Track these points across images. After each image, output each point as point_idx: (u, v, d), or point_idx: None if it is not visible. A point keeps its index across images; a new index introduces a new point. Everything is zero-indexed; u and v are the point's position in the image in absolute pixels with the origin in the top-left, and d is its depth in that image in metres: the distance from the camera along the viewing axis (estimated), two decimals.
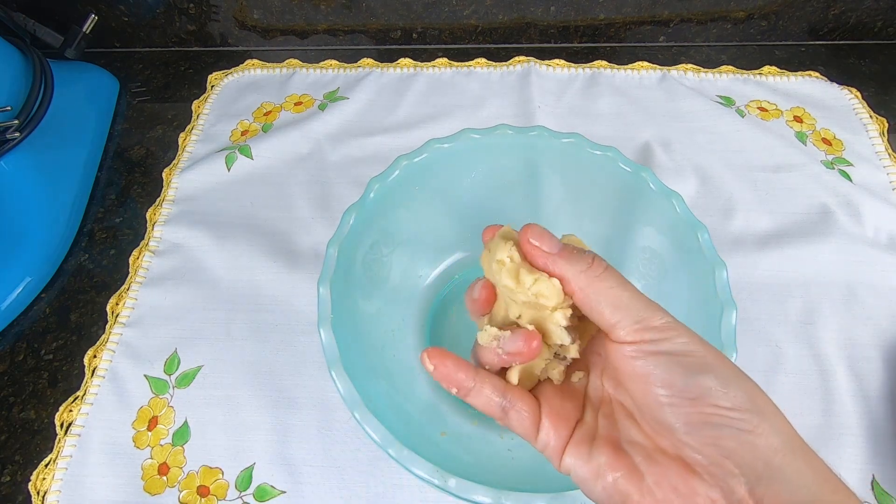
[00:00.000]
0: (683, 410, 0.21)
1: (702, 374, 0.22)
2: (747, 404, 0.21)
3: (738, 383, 0.22)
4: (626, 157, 0.39)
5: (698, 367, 0.22)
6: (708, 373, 0.22)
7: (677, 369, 0.22)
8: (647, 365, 0.22)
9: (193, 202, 0.53)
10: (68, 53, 0.56)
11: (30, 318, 0.48)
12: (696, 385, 0.21)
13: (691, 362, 0.22)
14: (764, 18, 0.61)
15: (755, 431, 0.21)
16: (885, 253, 0.48)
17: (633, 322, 0.23)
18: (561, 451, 0.24)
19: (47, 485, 0.40)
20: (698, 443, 0.21)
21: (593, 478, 0.23)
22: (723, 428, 0.21)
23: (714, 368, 0.22)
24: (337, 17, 0.62)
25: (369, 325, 0.39)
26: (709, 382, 0.21)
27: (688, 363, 0.22)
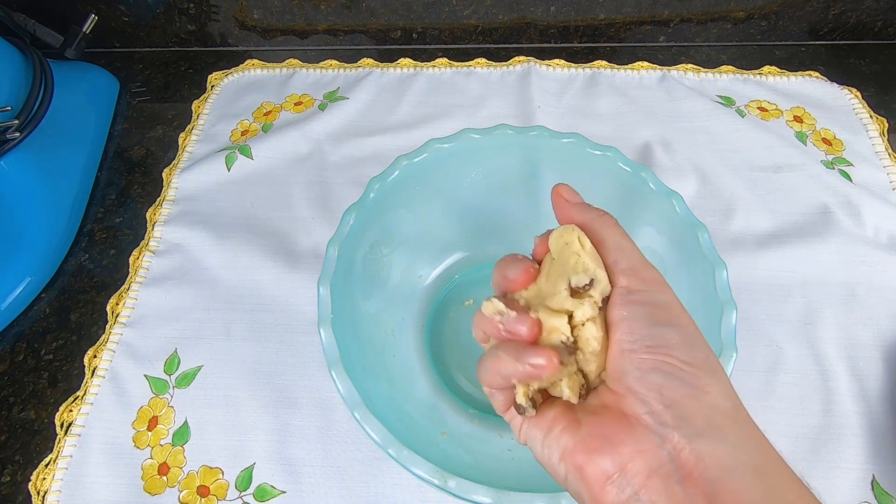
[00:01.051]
0: (639, 356, 0.22)
1: (667, 326, 0.22)
2: (703, 364, 0.22)
3: (700, 346, 0.22)
4: (626, 157, 0.39)
5: (666, 320, 0.22)
6: (673, 327, 0.22)
7: (646, 319, 0.22)
8: (622, 311, 0.23)
9: (193, 202, 0.53)
10: (68, 53, 0.56)
11: (30, 318, 0.48)
12: (658, 335, 0.22)
13: (662, 316, 0.23)
14: (764, 18, 0.61)
15: (703, 389, 0.21)
16: (885, 253, 0.48)
17: (627, 265, 0.24)
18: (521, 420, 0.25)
19: (47, 485, 0.40)
20: (644, 388, 0.21)
21: (543, 435, 0.23)
22: (671, 377, 0.21)
23: (681, 326, 0.23)
24: (337, 17, 0.62)
25: (369, 325, 0.39)
26: (670, 335, 0.22)
27: (658, 315, 0.23)
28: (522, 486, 0.29)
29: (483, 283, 0.46)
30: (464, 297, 0.45)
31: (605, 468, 0.21)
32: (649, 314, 0.23)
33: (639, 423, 0.21)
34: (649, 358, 0.22)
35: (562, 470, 0.23)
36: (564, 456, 0.22)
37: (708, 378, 0.21)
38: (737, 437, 0.21)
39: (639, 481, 0.20)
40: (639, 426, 0.21)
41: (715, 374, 0.22)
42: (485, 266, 0.46)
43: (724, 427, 0.21)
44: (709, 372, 0.22)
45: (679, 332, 0.22)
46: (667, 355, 0.21)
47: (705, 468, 0.20)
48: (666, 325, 0.22)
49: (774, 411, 0.41)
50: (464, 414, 0.40)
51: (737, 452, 0.20)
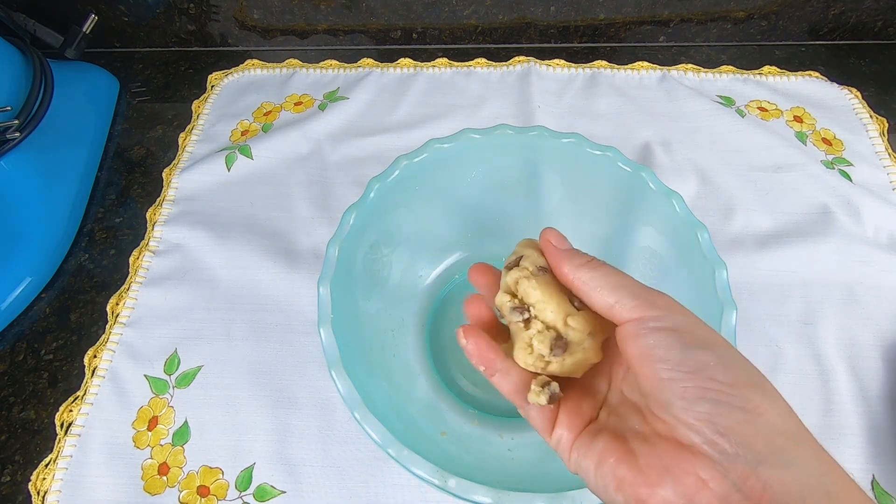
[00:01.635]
0: (681, 385, 0.21)
1: (700, 348, 0.21)
2: (747, 382, 0.21)
3: (738, 362, 0.21)
4: (625, 157, 0.39)
5: (697, 342, 0.22)
6: (706, 348, 0.21)
7: (676, 344, 0.21)
8: (648, 342, 0.22)
9: (193, 202, 0.53)
10: (68, 53, 0.56)
11: (30, 318, 0.48)
12: (693, 358, 0.21)
13: (689, 338, 0.22)
14: (764, 18, 0.61)
15: (755, 410, 0.20)
16: (885, 253, 0.48)
17: (631, 298, 0.23)
18: (570, 446, 0.24)
19: (47, 485, 0.40)
20: (695, 419, 0.20)
21: (595, 466, 0.23)
22: (720, 404, 0.20)
23: (713, 345, 0.22)
24: (337, 17, 0.62)
25: (369, 325, 0.39)
26: (706, 357, 0.21)
27: (687, 338, 0.22)
28: (522, 486, 0.29)
29: None
30: (464, 297, 0.45)
31: (671, 501, 0.20)
32: (677, 338, 0.22)
33: (698, 451, 0.20)
34: (691, 386, 0.21)
35: (620, 501, 0.22)
36: (623, 487, 0.22)
37: (757, 397, 0.20)
38: (802, 459, 0.20)
39: None
40: (699, 455, 0.20)
41: (763, 390, 0.21)
42: None
43: (788, 450, 0.20)
44: (756, 389, 0.21)
45: (713, 353, 0.21)
46: (708, 379, 0.20)
47: (773, 496, 0.19)
48: (697, 348, 0.21)
49: None
50: (464, 414, 0.40)
51: (805, 477, 0.19)
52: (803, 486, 0.19)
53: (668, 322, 0.22)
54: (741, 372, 0.21)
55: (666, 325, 0.22)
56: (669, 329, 0.22)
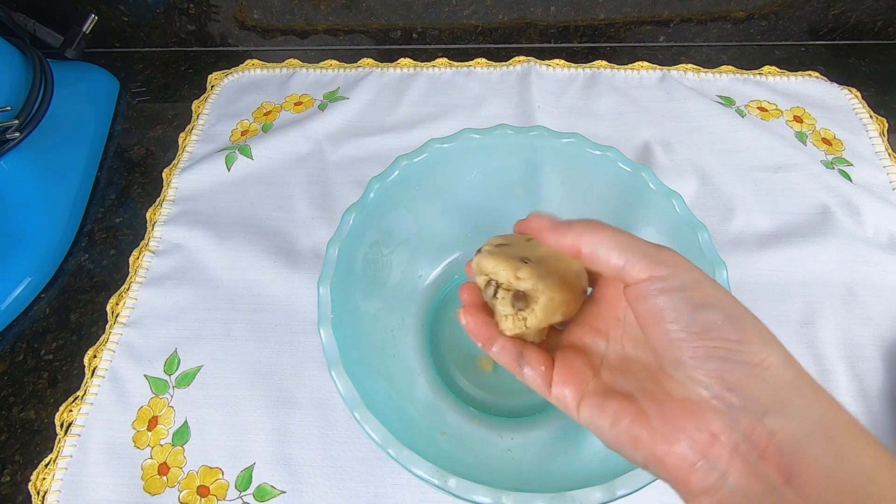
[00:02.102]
0: (690, 345, 0.22)
1: (707, 308, 0.22)
2: (754, 337, 0.21)
3: (744, 317, 0.22)
4: (625, 157, 0.39)
5: (703, 301, 0.22)
6: (714, 307, 0.22)
7: (684, 304, 0.22)
8: (658, 302, 0.23)
9: (193, 202, 0.53)
10: (68, 53, 0.56)
11: (30, 318, 0.48)
12: (701, 319, 0.22)
13: (698, 297, 0.22)
14: (764, 18, 0.61)
15: (762, 364, 0.21)
16: (885, 253, 0.48)
17: (640, 257, 0.23)
18: (577, 403, 0.26)
19: (47, 485, 0.40)
20: (704, 376, 0.21)
21: (610, 425, 0.24)
22: (727, 361, 0.21)
23: (720, 303, 0.22)
24: (337, 17, 0.62)
25: (369, 325, 0.39)
26: (713, 317, 0.22)
27: (695, 298, 0.22)
28: (522, 486, 0.29)
29: None
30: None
31: (687, 456, 0.21)
32: (686, 299, 0.22)
33: (707, 407, 0.21)
34: (700, 345, 0.21)
35: (639, 457, 0.23)
36: (640, 446, 0.23)
37: (764, 350, 0.21)
38: (804, 406, 0.21)
39: (723, 464, 0.21)
40: (708, 410, 0.21)
41: (767, 342, 0.22)
42: None
43: (791, 399, 0.21)
44: (762, 343, 0.21)
45: (720, 311, 0.22)
46: (717, 339, 0.21)
47: (778, 444, 0.20)
48: (705, 308, 0.22)
49: None
50: (464, 414, 0.40)
51: (806, 422, 0.20)
52: (805, 431, 0.20)
53: (676, 282, 0.23)
54: (747, 327, 0.22)
55: (674, 285, 0.22)
56: (678, 289, 0.22)
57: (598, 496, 0.28)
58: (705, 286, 0.23)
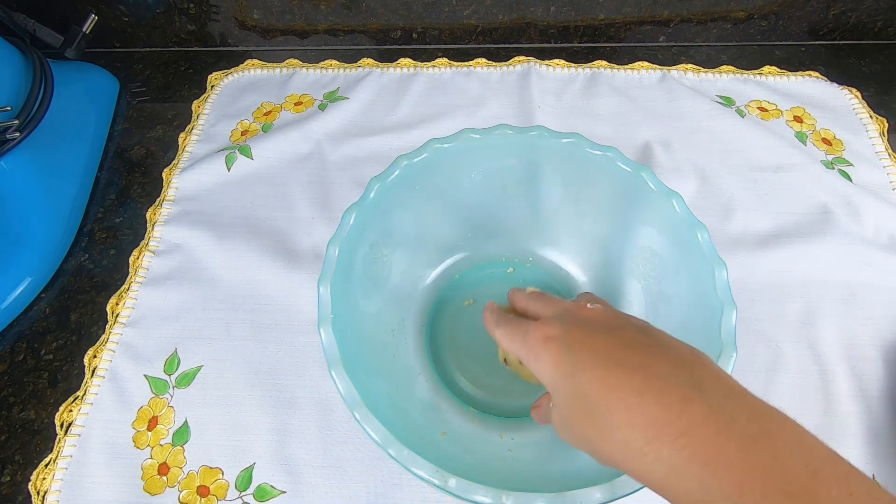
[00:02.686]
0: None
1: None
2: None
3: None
4: (625, 157, 0.39)
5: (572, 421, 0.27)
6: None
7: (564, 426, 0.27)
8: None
9: (193, 202, 0.53)
10: (68, 53, 0.56)
11: (30, 318, 0.48)
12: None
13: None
14: (764, 18, 0.61)
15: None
16: (885, 253, 0.48)
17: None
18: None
19: (47, 485, 0.40)
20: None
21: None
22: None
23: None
24: (337, 17, 0.62)
25: (369, 325, 0.39)
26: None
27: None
28: (523, 486, 0.29)
29: (483, 282, 0.46)
30: (464, 297, 0.45)
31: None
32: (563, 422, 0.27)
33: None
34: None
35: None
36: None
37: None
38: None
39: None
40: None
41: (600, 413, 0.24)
42: (485, 266, 0.46)
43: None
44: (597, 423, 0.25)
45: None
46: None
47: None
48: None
49: None
50: (464, 414, 0.40)
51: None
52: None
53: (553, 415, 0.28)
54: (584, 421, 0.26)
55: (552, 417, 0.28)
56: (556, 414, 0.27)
57: (599, 496, 0.28)
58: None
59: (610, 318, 0.27)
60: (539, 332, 0.27)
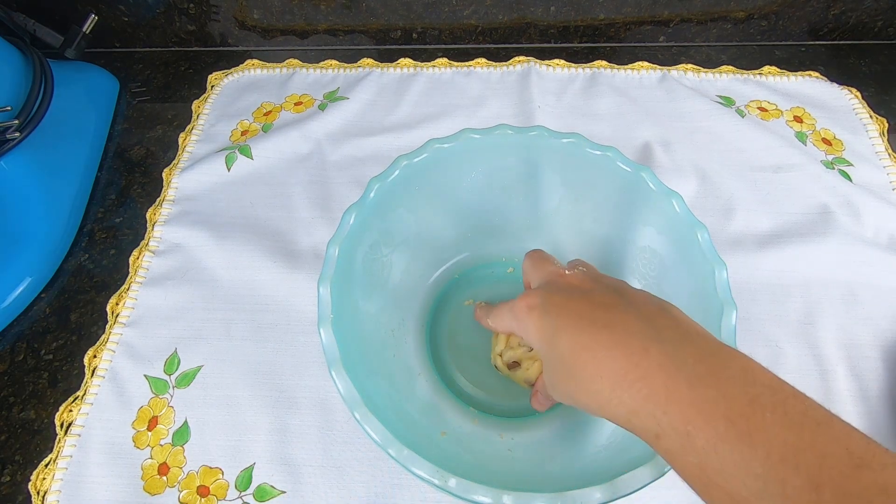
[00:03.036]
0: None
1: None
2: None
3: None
4: (625, 157, 0.39)
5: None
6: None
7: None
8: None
9: (193, 202, 0.53)
10: (68, 53, 0.56)
11: (30, 318, 0.48)
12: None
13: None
14: (764, 18, 0.61)
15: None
16: (885, 253, 0.48)
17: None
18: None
19: (47, 485, 0.40)
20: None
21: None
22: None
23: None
24: (337, 17, 0.62)
25: (369, 325, 0.39)
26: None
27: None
28: (523, 485, 0.29)
29: (483, 282, 0.46)
30: (464, 296, 0.45)
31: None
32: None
33: None
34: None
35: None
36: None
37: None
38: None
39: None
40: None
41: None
42: (485, 266, 0.46)
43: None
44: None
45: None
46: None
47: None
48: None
49: None
50: (464, 413, 0.40)
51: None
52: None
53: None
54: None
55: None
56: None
57: (599, 496, 0.28)
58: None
59: (587, 281, 0.31)
60: (523, 302, 0.31)
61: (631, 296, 0.29)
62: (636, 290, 0.30)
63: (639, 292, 0.29)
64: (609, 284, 0.30)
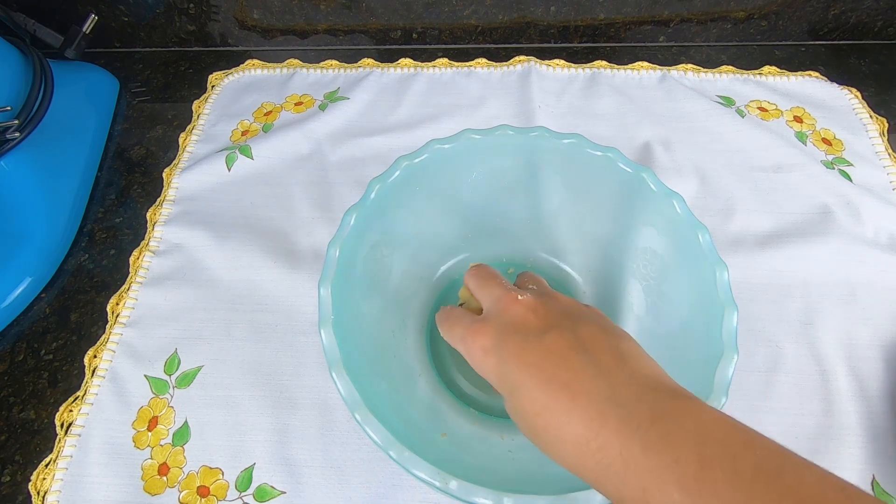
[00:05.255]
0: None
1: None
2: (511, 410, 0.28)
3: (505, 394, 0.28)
4: (626, 158, 0.39)
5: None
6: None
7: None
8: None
9: (194, 202, 0.53)
10: (68, 53, 0.56)
11: (30, 318, 0.48)
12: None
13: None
14: (764, 18, 0.61)
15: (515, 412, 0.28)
16: (885, 253, 0.48)
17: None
18: None
19: (47, 485, 0.40)
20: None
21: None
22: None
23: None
24: (337, 17, 0.62)
25: (370, 326, 0.39)
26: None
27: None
28: (524, 487, 0.29)
29: None
30: None
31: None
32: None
33: None
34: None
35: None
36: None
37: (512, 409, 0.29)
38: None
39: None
40: None
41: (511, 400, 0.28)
42: None
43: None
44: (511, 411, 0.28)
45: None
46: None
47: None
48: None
49: (774, 411, 0.42)
50: (464, 415, 0.40)
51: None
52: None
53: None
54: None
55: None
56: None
57: (599, 498, 0.28)
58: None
59: (540, 311, 0.29)
60: (476, 343, 0.30)
61: (585, 336, 0.28)
62: (589, 320, 0.29)
63: (591, 325, 0.28)
64: (563, 312, 0.29)
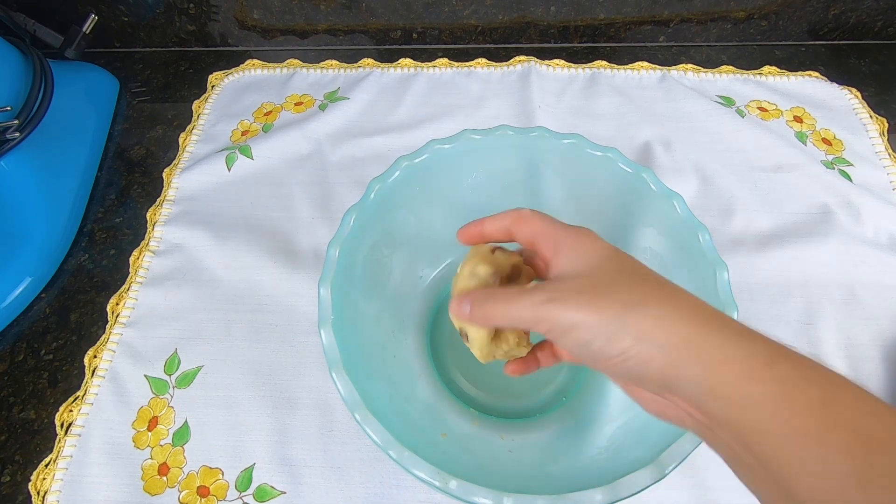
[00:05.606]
0: (586, 360, 0.25)
1: (572, 330, 0.24)
2: (611, 342, 0.24)
3: (601, 327, 0.24)
4: (626, 158, 0.39)
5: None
6: (576, 329, 0.24)
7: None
8: (565, 346, 0.26)
9: (194, 202, 0.53)
10: (68, 53, 0.56)
11: (30, 318, 0.48)
12: (571, 340, 0.25)
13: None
14: (764, 18, 0.61)
15: (627, 360, 0.23)
16: (885, 253, 0.48)
17: (534, 324, 0.26)
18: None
19: (47, 485, 0.40)
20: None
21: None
22: (608, 371, 0.25)
23: (581, 321, 0.24)
24: (337, 17, 0.62)
25: (370, 326, 0.39)
26: (578, 335, 0.24)
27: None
28: (523, 487, 0.29)
29: None
30: None
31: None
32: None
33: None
34: (590, 362, 0.25)
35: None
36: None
37: (625, 347, 0.24)
38: (683, 377, 0.23)
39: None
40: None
41: (628, 337, 0.24)
42: None
43: (672, 377, 0.23)
44: (620, 343, 0.24)
45: (583, 329, 0.24)
46: (592, 356, 0.25)
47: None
48: (570, 330, 0.25)
49: None
50: (464, 415, 0.40)
51: (690, 393, 0.23)
52: (695, 396, 0.23)
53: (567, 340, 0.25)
54: (602, 335, 0.24)
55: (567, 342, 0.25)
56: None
57: (600, 498, 0.28)
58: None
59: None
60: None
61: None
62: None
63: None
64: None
